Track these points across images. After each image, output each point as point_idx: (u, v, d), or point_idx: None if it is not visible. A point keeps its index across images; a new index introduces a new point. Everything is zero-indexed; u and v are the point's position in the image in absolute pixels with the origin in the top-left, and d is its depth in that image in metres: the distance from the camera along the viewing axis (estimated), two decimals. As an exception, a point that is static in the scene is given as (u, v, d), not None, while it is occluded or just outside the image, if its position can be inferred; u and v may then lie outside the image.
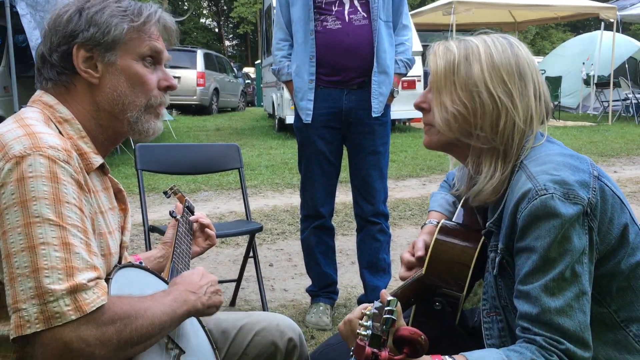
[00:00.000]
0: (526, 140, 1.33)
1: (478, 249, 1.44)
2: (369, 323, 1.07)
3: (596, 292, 1.26)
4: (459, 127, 1.34)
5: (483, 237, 1.44)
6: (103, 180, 1.36)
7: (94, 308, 1.07)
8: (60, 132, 1.25)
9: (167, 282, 1.42)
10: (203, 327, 1.49)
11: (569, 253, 1.19)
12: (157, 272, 1.45)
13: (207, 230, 1.73)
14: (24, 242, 1.06)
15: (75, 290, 1.06)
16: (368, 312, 1.11)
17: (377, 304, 1.14)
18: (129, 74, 1.30)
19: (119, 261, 1.38)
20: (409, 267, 1.59)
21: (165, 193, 1.87)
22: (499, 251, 1.32)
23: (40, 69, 1.31)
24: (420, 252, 1.56)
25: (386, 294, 1.18)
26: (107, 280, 1.20)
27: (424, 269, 1.47)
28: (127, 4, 1.32)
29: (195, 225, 1.73)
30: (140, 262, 1.55)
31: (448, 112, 1.33)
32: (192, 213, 1.76)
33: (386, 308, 1.07)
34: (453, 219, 1.60)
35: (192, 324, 1.43)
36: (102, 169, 1.35)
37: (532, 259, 1.21)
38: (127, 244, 1.45)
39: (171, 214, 1.71)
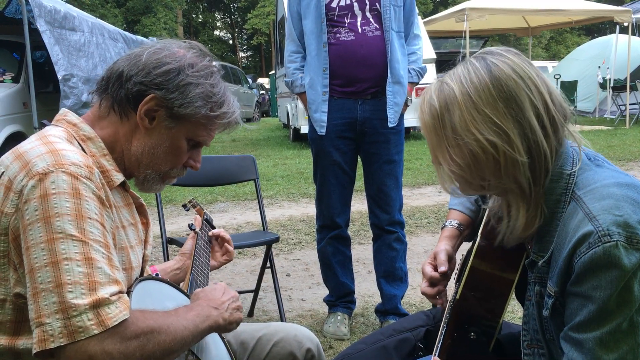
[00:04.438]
0: (550, 163, 1.21)
1: (516, 279, 1.39)
2: None
3: None
4: (467, 180, 1.25)
5: (522, 263, 1.37)
6: (125, 196, 1.39)
7: (117, 322, 1.09)
8: (83, 150, 1.28)
9: (186, 295, 1.44)
10: (222, 338, 1.51)
11: (629, 304, 1.11)
12: (176, 285, 1.47)
13: (227, 245, 1.75)
14: (47, 257, 1.09)
15: (98, 305, 1.08)
16: None
17: None
18: (172, 144, 1.35)
19: (141, 274, 1.40)
20: (432, 283, 1.53)
21: (184, 206, 1.90)
22: (552, 293, 1.22)
23: (108, 80, 1.33)
24: (443, 268, 1.51)
25: None
26: (128, 293, 1.22)
27: (458, 294, 1.43)
28: (218, 90, 1.35)
29: (214, 239, 1.75)
30: (157, 274, 1.57)
31: (451, 172, 1.26)
32: (211, 226, 1.79)
33: None
34: (480, 230, 1.50)
35: (211, 335, 1.45)
36: (123, 186, 1.37)
37: (588, 308, 1.13)
38: (148, 257, 1.48)
39: (190, 226, 1.74)
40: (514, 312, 3.09)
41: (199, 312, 1.29)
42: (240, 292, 3.61)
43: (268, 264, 3.27)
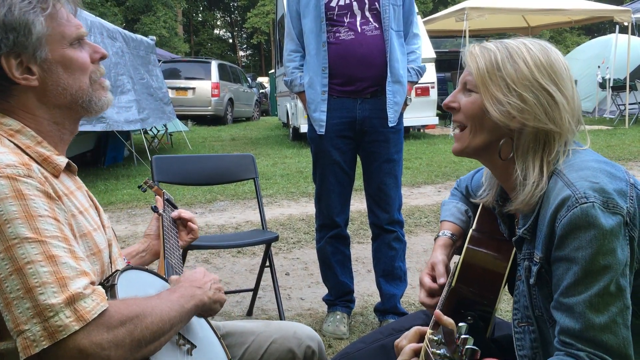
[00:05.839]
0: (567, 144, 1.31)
1: (510, 260, 1.41)
2: (442, 351, 1.00)
3: (633, 304, 1.21)
4: (515, 119, 1.29)
5: (514, 248, 1.40)
6: (74, 180, 1.35)
7: (96, 315, 1.08)
8: (16, 145, 1.23)
9: (165, 280, 1.44)
10: (206, 319, 1.50)
11: (613, 266, 1.15)
12: (155, 271, 1.46)
13: (190, 224, 1.73)
14: (9, 266, 1.06)
15: (72, 301, 1.06)
16: (436, 338, 1.05)
17: (439, 330, 1.08)
18: (64, 64, 1.26)
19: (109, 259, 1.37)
20: (431, 293, 1.54)
21: (140, 187, 1.86)
22: (537, 260, 1.27)
23: None
24: (442, 279, 1.53)
25: (442, 316, 1.13)
26: (113, 286, 1.21)
27: (454, 281, 1.45)
28: None
29: (178, 220, 1.73)
30: (123, 259, 1.55)
31: (504, 104, 1.30)
32: (173, 205, 1.76)
33: (463, 336, 0.98)
34: (472, 225, 1.56)
35: (195, 318, 1.44)
36: (69, 169, 1.33)
37: (573, 270, 1.18)
38: (111, 240, 1.43)
39: (153, 209, 1.71)
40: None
41: (182, 293, 1.30)
42: (239, 291, 3.62)
43: (267, 263, 3.27)
